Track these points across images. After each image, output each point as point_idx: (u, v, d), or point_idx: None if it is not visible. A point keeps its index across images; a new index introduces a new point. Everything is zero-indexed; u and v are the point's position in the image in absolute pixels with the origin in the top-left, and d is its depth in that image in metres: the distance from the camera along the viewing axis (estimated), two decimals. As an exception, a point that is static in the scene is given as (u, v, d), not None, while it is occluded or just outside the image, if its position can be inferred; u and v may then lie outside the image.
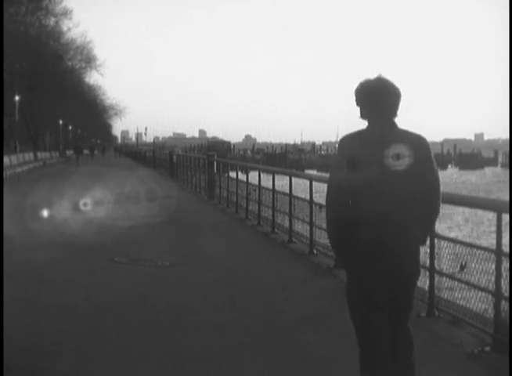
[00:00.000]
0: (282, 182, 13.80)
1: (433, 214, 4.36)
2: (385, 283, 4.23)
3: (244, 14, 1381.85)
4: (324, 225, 9.60)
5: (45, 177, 34.40)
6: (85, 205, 18.42)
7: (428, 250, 6.88)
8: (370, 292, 4.24)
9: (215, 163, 22.04)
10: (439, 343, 6.07)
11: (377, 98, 4.25)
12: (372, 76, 4.33)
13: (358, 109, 4.35)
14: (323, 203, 4.61)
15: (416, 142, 4.25)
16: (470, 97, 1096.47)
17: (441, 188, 4.37)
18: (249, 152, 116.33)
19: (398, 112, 4.31)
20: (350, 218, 4.21)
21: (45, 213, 16.48)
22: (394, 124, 4.30)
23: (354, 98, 4.36)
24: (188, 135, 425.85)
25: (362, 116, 4.34)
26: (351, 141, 4.31)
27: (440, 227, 7.00)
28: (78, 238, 12.03)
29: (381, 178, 4.16)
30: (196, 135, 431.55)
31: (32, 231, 12.93)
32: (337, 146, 4.62)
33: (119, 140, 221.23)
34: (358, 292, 4.28)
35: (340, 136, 4.47)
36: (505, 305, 5.74)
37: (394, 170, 4.16)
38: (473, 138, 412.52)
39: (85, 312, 7.06)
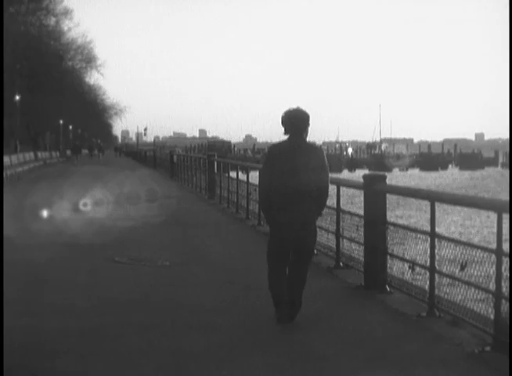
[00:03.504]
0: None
1: (322, 205, 6.68)
2: (292, 234, 6.52)
3: (245, 14, 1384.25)
4: (325, 225, 9.65)
5: (46, 177, 34.43)
6: (85, 205, 18.42)
7: (428, 250, 6.87)
8: (282, 239, 6.56)
9: (216, 163, 22.01)
10: (440, 343, 6.07)
11: (294, 123, 6.56)
12: (293, 106, 6.63)
13: (283, 128, 6.58)
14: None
15: (315, 152, 6.54)
16: (471, 97, 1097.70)
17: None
18: (249, 152, 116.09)
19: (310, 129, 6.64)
20: (273, 197, 6.49)
21: (46, 213, 16.48)
22: (303, 138, 6.57)
23: (280, 121, 6.57)
24: (188, 135, 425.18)
25: (286, 132, 6.60)
26: (276, 148, 6.62)
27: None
28: (78, 238, 12.04)
29: (292, 174, 6.40)
30: (197, 134, 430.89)
31: (32, 231, 12.94)
32: (337, 146, 7.80)
33: (119, 140, 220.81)
34: (274, 239, 6.63)
35: (341, 136, 5.47)
36: (505, 304, 5.73)
37: (300, 169, 6.40)
38: (473, 138, 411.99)
39: (85, 312, 7.06)
